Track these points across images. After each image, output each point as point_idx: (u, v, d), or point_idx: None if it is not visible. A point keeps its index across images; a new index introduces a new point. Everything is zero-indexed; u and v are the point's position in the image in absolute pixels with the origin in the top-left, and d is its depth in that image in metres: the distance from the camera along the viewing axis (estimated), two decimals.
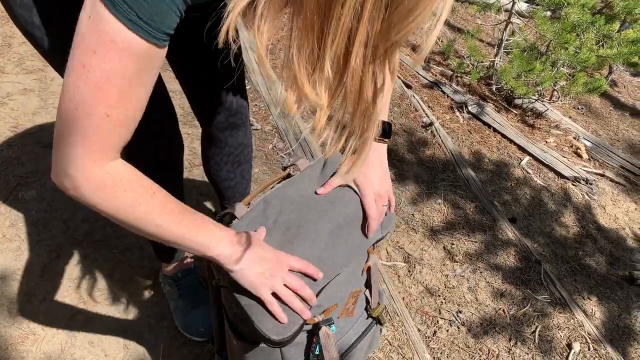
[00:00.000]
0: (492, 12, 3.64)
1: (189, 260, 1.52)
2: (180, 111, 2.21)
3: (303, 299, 0.95)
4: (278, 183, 1.17)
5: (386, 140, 1.07)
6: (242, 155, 1.42)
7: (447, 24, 3.66)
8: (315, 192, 1.06)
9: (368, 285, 1.22)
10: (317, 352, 1.10)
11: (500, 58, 2.83)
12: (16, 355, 1.41)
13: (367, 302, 1.24)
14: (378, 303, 1.26)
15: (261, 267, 0.87)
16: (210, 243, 0.82)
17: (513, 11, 2.72)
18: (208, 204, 1.89)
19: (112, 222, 1.56)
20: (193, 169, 2.01)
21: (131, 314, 1.52)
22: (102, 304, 1.54)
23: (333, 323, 1.09)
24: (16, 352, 1.41)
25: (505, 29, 2.74)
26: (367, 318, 1.27)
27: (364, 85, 0.61)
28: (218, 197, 1.52)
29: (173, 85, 1.54)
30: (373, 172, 1.06)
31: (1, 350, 1.41)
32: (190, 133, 2.14)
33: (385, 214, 1.17)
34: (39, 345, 1.43)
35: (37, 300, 1.53)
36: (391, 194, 1.13)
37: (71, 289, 1.56)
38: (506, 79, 2.48)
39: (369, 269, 1.18)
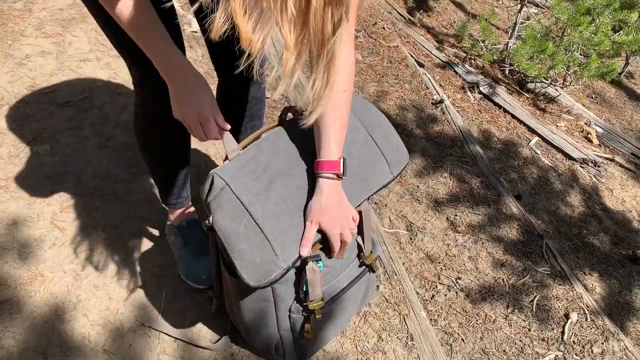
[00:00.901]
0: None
1: (193, 210, 1.56)
2: None
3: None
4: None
5: (341, 176, 1.07)
6: (254, 109, 1.45)
7: (463, 9, 3.66)
8: (299, 255, 1.07)
9: (360, 232, 1.25)
10: (304, 289, 1.13)
11: (515, 40, 2.82)
12: (24, 294, 1.46)
13: (360, 249, 1.27)
14: (371, 252, 1.29)
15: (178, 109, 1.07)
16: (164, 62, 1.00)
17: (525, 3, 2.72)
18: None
19: (121, 177, 1.58)
20: None
21: (137, 263, 1.57)
22: (108, 252, 1.58)
23: (320, 260, 1.12)
24: (24, 291, 1.46)
25: (519, 11, 2.74)
26: (359, 266, 1.30)
27: (325, 25, 0.66)
28: None
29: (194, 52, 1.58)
30: (336, 213, 1.08)
31: (10, 289, 1.46)
32: None
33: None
34: (46, 286, 1.48)
35: (46, 246, 1.58)
36: (355, 216, 1.15)
37: (80, 237, 1.61)
38: (518, 59, 2.48)
39: (360, 214, 1.21)
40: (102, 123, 2.00)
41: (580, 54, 2.69)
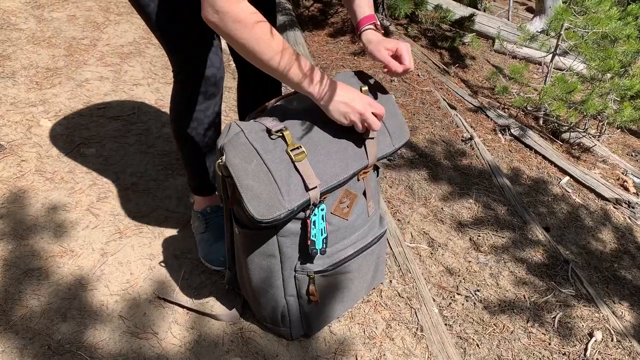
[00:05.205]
0: (536, 65, 3.73)
1: (217, 198, 1.64)
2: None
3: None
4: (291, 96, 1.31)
5: (379, 28, 1.31)
6: (275, 92, 1.58)
7: (499, 70, 3.78)
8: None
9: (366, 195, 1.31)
10: (312, 238, 1.17)
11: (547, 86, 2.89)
12: (54, 265, 1.54)
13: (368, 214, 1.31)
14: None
15: (346, 107, 1.12)
16: (309, 84, 1.08)
17: (557, 53, 2.81)
18: None
19: (156, 177, 1.70)
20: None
21: (160, 246, 1.64)
22: (135, 236, 1.66)
23: (325, 209, 1.17)
24: (54, 263, 1.55)
25: (551, 60, 2.83)
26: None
27: None
28: None
29: None
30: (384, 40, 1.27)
31: (42, 260, 1.55)
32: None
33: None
34: (74, 260, 1.56)
35: (80, 228, 1.68)
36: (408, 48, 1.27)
37: (111, 222, 1.70)
38: (547, 99, 2.53)
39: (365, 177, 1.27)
40: (145, 134, 2.15)
41: (610, 101, 2.72)
